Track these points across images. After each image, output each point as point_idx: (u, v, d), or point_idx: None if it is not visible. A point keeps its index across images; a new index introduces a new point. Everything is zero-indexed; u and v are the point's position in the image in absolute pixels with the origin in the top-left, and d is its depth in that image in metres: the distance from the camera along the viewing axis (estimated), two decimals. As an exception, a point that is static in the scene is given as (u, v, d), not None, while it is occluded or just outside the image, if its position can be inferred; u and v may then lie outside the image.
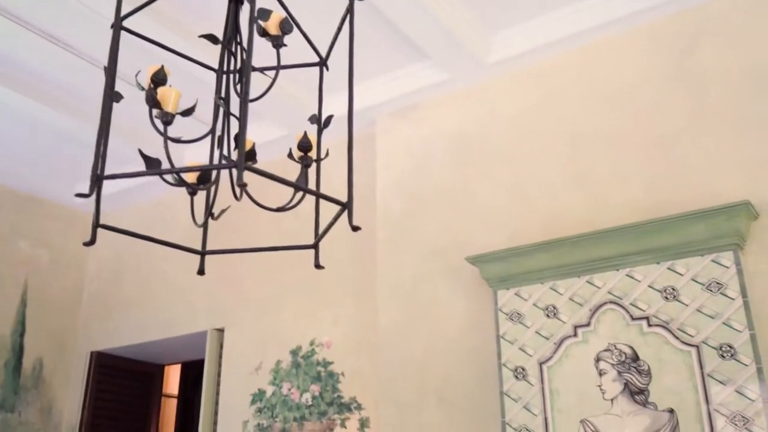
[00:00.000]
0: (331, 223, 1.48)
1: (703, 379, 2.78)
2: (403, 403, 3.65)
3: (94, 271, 5.73)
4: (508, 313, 3.37)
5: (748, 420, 2.65)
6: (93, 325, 5.50)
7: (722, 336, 2.78)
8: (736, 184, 3.02)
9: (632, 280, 3.07)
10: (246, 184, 1.25)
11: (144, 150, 1.44)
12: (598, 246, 3.16)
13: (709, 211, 2.88)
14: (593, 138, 3.51)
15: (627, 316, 3.04)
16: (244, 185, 1.24)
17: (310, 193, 1.42)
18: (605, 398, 2.99)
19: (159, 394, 5.76)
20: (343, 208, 1.42)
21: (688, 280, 2.93)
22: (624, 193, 3.32)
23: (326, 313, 4.33)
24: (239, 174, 1.23)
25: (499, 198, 3.71)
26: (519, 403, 3.20)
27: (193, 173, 1.61)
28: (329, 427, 4.08)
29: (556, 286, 3.27)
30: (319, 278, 4.44)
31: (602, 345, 3.06)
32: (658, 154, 3.29)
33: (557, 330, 3.20)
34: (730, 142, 3.12)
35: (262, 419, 4.34)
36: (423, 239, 3.90)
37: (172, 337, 5.03)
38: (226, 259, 4.87)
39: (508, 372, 3.28)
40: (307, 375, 4.25)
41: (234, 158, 1.47)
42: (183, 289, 5.08)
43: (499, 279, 3.42)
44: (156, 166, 1.34)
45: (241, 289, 4.79)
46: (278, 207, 1.53)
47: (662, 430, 2.83)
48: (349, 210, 1.40)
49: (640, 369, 2.95)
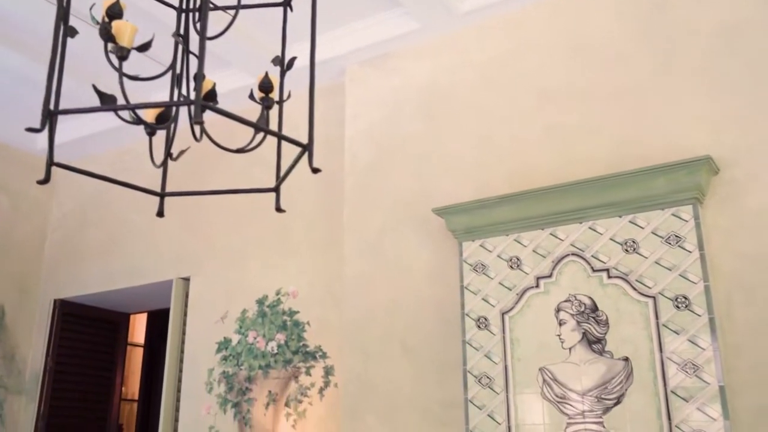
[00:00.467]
0: (291, 165, 1.46)
1: (658, 328, 2.86)
2: (367, 352, 3.70)
3: (58, 219, 5.64)
4: (473, 264, 3.41)
5: (698, 367, 2.74)
6: (57, 272, 5.44)
7: (678, 287, 2.86)
8: (699, 139, 3.06)
9: (594, 232, 3.12)
10: (203, 121, 1.23)
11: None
12: (562, 199, 3.19)
13: (671, 166, 2.92)
14: (562, 91, 3.51)
15: (588, 268, 3.09)
16: (201, 122, 1.21)
17: (270, 134, 1.40)
18: (564, 347, 3.07)
19: (124, 342, 5.75)
20: (304, 149, 1.40)
21: (648, 233, 2.99)
22: (591, 146, 3.35)
23: (292, 263, 4.34)
24: (196, 111, 1.20)
25: (467, 150, 3.71)
26: (480, 351, 3.26)
27: (152, 113, 1.57)
28: (294, 375, 4.13)
29: (521, 238, 3.31)
30: (286, 229, 4.44)
31: (563, 296, 3.12)
32: (625, 108, 3.31)
33: (520, 281, 3.25)
34: (695, 98, 3.15)
35: (228, 367, 4.38)
36: (390, 190, 3.90)
37: (138, 285, 5.00)
38: (193, 208, 4.85)
39: (470, 322, 3.33)
40: (273, 324, 4.29)
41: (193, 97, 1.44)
42: (149, 238, 5.04)
43: (465, 230, 3.45)
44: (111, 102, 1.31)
45: (207, 238, 4.76)
46: (238, 148, 1.51)
47: (617, 377, 2.92)
48: (309, 152, 1.38)
49: (599, 319, 3.02)
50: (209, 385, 4.40)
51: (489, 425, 3.14)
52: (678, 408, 2.75)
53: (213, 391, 4.38)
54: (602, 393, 2.93)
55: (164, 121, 1.50)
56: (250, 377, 4.26)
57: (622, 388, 2.89)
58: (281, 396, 4.13)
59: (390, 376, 3.59)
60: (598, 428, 2.90)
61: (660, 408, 2.78)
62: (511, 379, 3.15)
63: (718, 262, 2.89)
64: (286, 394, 4.12)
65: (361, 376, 3.68)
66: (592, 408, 2.93)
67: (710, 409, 2.68)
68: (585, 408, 2.94)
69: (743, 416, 2.71)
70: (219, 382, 4.37)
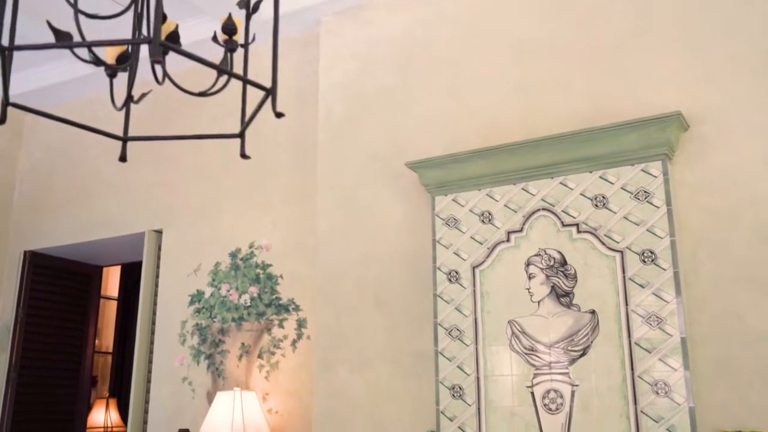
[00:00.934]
0: (255, 110, 1.44)
1: (625, 282, 2.92)
2: (340, 305, 3.72)
3: (26, 170, 5.53)
4: (445, 219, 3.42)
5: (661, 320, 2.80)
6: (26, 224, 5.35)
7: (645, 242, 2.90)
8: (670, 96, 3.07)
9: (565, 188, 3.14)
10: (162, 60, 1.19)
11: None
12: (534, 154, 3.20)
13: (642, 121, 2.93)
14: (536, 46, 3.49)
15: (558, 223, 3.12)
16: (159, 62, 1.18)
17: (233, 76, 1.37)
18: (533, 300, 3.12)
19: (97, 295, 5.72)
20: (268, 93, 1.38)
21: (618, 188, 3.01)
22: (564, 102, 3.34)
23: (266, 216, 4.32)
24: (155, 48, 1.17)
25: (441, 103, 3.69)
26: (451, 304, 3.30)
27: (112, 54, 1.53)
28: (267, 327, 4.16)
29: (492, 193, 3.32)
30: (259, 182, 4.41)
31: (533, 250, 3.16)
32: (599, 64, 3.30)
33: (491, 235, 3.28)
34: (668, 56, 3.15)
35: (201, 319, 4.39)
36: (364, 143, 3.88)
37: (109, 238, 4.95)
38: (166, 161, 4.78)
39: (442, 275, 3.36)
40: (246, 277, 4.29)
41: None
42: (120, 190, 4.97)
43: (437, 185, 3.45)
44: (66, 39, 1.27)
45: (180, 191, 4.72)
46: (200, 92, 1.48)
47: (583, 329, 2.98)
48: (273, 95, 1.36)
49: (567, 273, 3.06)
50: (182, 337, 4.41)
51: (458, 376, 3.20)
52: (641, 359, 2.81)
53: (186, 343, 4.39)
54: (569, 345, 2.99)
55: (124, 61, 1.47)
56: (223, 329, 4.28)
57: (588, 340, 2.95)
58: (254, 348, 4.16)
59: (362, 329, 3.63)
60: (563, 378, 2.97)
61: (624, 359, 2.85)
62: (480, 332, 3.20)
63: (684, 218, 2.93)
64: (259, 346, 4.15)
65: (333, 328, 3.71)
66: (558, 359, 2.99)
67: (672, 360, 2.76)
68: (552, 359, 3.01)
69: (703, 367, 2.78)
70: (192, 334, 4.38)
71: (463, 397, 3.17)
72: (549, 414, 2.97)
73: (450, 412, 3.18)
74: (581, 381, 2.93)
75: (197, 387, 4.29)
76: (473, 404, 3.13)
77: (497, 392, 3.10)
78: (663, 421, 2.72)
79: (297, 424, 3.92)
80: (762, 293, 2.75)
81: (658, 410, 2.74)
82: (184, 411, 4.28)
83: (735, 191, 2.88)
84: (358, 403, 3.54)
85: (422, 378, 3.38)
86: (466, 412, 3.15)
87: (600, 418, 2.86)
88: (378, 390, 3.51)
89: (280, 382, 4.04)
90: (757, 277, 2.77)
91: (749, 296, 2.77)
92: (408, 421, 3.38)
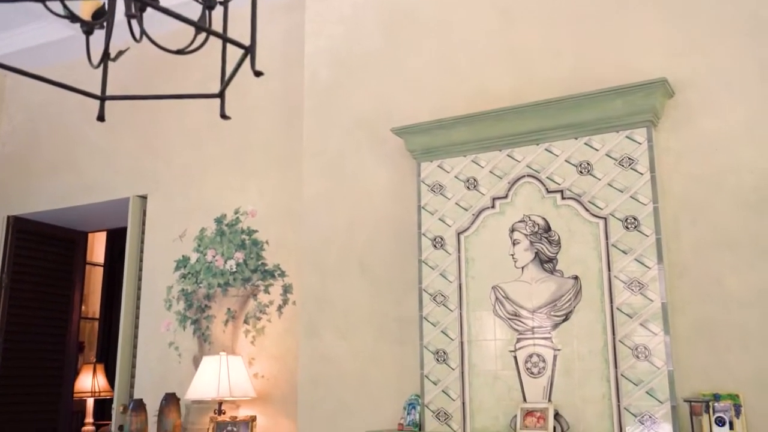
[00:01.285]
0: (235, 69, 1.41)
1: (608, 248, 2.94)
2: (326, 271, 3.73)
3: (7, 133, 5.45)
4: (430, 185, 3.42)
5: (643, 285, 2.83)
6: (8, 188, 5.29)
7: (628, 209, 2.92)
8: (656, 63, 3.06)
9: (550, 154, 3.14)
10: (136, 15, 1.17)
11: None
12: (520, 120, 3.19)
13: (628, 88, 2.92)
14: (524, 12, 3.45)
15: (543, 189, 3.13)
16: (134, 16, 1.16)
17: (211, 34, 1.35)
18: (516, 266, 3.14)
19: (83, 261, 5.70)
20: (246, 52, 1.35)
21: (602, 155, 3.01)
22: (550, 68, 3.32)
23: (251, 182, 4.31)
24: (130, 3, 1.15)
25: (427, 69, 3.66)
26: (436, 270, 3.32)
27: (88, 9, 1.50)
28: (253, 292, 4.17)
29: (478, 159, 3.31)
30: (245, 148, 4.37)
31: (518, 216, 3.17)
32: (586, 31, 3.28)
33: (476, 201, 3.28)
34: (654, 23, 3.13)
35: (187, 285, 4.39)
36: (349, 109, 3.85)
37: (94, 203, 4.92)
38: (150, 125, 4.73)
39: (427, 241, 3.37)
40: (232, 243, 4.29)
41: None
42: (105, 154, 4.93)
43: (423, 151, 3.44)
44: (39, -8, 1.24)
45: (164, 156, 4.68)
46: (178, 49, 1.45)
47: (566, 295, 3.00)
48: (251, 54, 1.33)
49: (551, 239, 3.08)
50: (168, 303, 4.42)
51: (443, 341, 3.23)
52: (622, 324, 2.85)
53: (172, 309, 4.40)
54: (552, 310, 3.02)
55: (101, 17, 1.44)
56: (209, 295, 4.29)
57: (570, 305, 2.98)
58: (240, 313, 4.17)
59: (348, 294, 3.64)
60: (546, 343, 3.00)
61: (605, 324, 2.89)
62: (464, 297, 3.23)
63: (668, 184, 2.95)
64: (244, 311, 4.16)
65: (319, 293, 3.73)
66: (541, 324, 3.02)
67: (652, 324, 2.79)
68: (535, 324, 3.04)
69: (682, 331, 2.83)
70: (178, 299, 4.39)
71: (447, 361, 3.20)
72: (531, 378, 3.01)
73: (434, 376, 3.22)
74: (563, 345, 2.96)
75: (183, 352, 4.31)
76: (457, 368, 3.17)
77: (480, 357, 3.13)
78: (643, 384, 2.77)
79: (283, 389, 3.95)
80: (741, 258, 2.78)
81: (638, 374, 2.78)
82: (170, 375, 4.30)
83: (718, 157, 2.89)
84: (343, 367, 3.57)
85: (407, 343, 3.41)
86: (449, 376, 3.18)
87: (581, 382, 2.90)
88: (363, 355, 3.54)
89: (266, 347, 4.06)
90: (737, 243, 2.80)
91: (729, 261, 2.80)
92: (392, 385, 3.42)
